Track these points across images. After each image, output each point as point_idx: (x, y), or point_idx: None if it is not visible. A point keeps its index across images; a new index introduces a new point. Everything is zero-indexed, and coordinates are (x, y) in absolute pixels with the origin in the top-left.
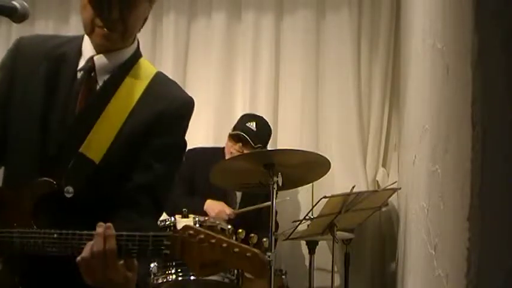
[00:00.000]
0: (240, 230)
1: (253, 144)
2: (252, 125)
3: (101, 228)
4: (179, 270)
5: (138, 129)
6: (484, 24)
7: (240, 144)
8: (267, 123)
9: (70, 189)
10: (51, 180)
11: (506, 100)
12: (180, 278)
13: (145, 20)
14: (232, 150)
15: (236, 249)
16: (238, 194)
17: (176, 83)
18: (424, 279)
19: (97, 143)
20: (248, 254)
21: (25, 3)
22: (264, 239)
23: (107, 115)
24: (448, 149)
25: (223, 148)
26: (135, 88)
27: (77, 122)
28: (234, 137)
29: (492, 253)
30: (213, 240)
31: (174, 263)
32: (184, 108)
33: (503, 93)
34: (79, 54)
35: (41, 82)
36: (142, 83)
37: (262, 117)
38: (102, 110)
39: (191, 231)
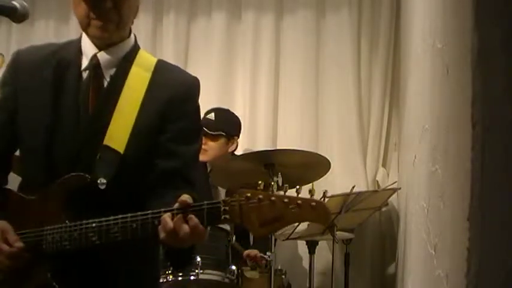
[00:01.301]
0: (298, 186)
1: (211, 133)
2: (211, 116)
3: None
4: (179, 270)
5: (152, 117)
6: (484, 24)
7: (203, 137)
8: (230, 112)
9: (103, 180)
10: (83, 174)
11: (506, 100)
12: (180, 278)
13: (137, 9)
14: None
15: (299, 202)
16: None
17: (178, 67)
18: (424, 279)
19: (118, 134)
20: (313, 204)
21: (25, 3)
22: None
23: (120, 107)
24: (448, 149)
25: None
26: (141, 78)
27: (94, 118)
28: None
29: (492, 253)
30: (273, 198)
31: None
32: (192, 89)
33: (503, 93)
34: (80, 54)
35: (45, 89)
36: (147, 72)
37: (224, 108)
38: (116, 103)
39: (248, 194)
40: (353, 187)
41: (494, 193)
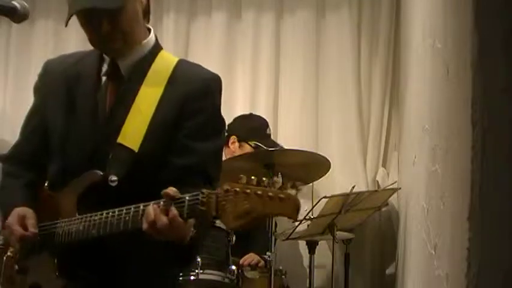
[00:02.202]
0: (276, 178)
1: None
2: (270, 131)
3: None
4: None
5: (169, 114)
6: (484, 24)
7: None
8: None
9: (113, 177)
10: (96, 171)
11: (506, 100)
12: (180, 278)
13: (147, 10)
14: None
15: (270, 194)
16: None
17: (200, 65)
18: (424, 279)
19: (133, 132)
20: (281, 196)
21: (25, 3)
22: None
23: (137, 105)
24: (448, 149)
25: None
26: (160, 77)
27: (110, 117)
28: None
29: (492, 253)
30: (248, 190)
31: None
32: (210, 86)
33: (503, 93)
34: (101, 60)
35: (64, 97)
36: (167, 71)
37: (258, 115)
38: (132, 101)
39: (227, 187)
40: (353, 187)
41: (494, 193)
